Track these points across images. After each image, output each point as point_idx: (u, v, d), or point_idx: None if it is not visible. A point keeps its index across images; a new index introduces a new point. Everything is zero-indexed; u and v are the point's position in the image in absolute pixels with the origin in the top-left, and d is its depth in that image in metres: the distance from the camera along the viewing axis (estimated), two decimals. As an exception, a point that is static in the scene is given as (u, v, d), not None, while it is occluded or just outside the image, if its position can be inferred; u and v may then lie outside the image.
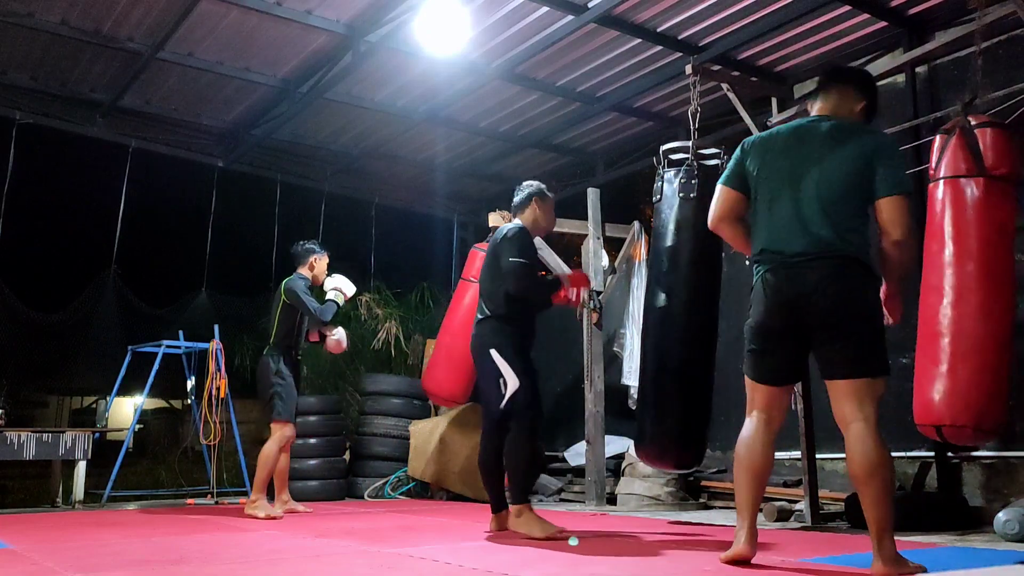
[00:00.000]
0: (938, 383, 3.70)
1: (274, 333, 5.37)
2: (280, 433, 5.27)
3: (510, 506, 3.92)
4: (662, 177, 4.42)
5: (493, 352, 3.94)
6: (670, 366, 4.15)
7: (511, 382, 3.88)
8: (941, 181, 3.89)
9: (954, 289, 3.74)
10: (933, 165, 3.95)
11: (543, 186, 4.33)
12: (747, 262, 3.04)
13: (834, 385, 2.76)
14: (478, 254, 6.44)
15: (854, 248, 2.76)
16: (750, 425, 2.93)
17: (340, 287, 5.52)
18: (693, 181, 4.27)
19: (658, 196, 4.45)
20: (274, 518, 5.03)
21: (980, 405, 3.62)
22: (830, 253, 2.75)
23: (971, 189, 3.78)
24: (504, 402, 3.89)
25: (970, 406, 3.62)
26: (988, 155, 3.76)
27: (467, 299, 6.37)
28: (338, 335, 5.57)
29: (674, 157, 4.52)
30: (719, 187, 3.13)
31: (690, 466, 4.54)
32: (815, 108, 3.05)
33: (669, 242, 4.28)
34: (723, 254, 4.43)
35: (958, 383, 3.65)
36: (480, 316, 4.09)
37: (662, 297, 4.24)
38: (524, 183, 4.36)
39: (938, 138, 3.98)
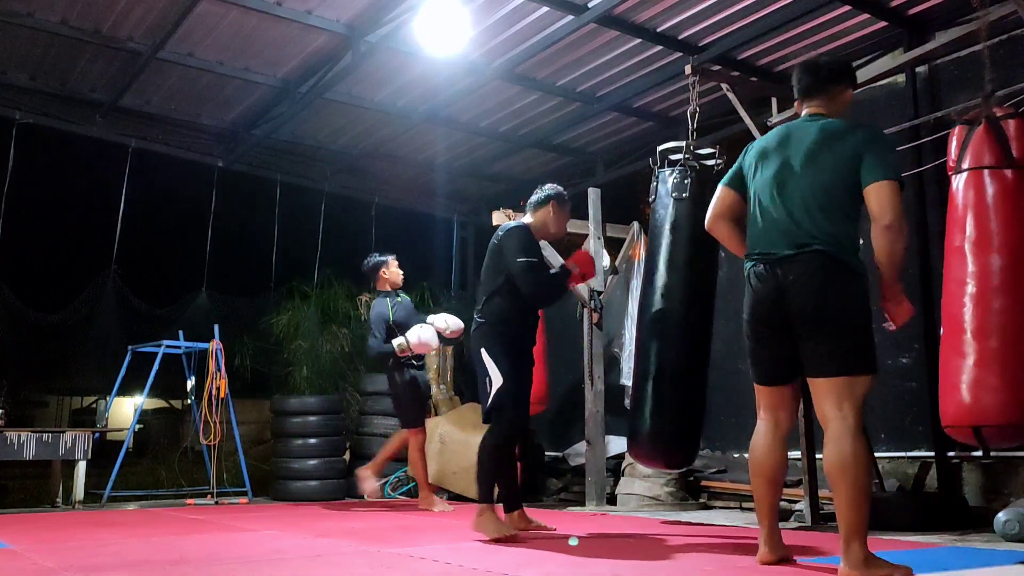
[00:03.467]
0: (975, 381, 3.48)
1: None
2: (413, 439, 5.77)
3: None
4: (657, 177, 4.42)
5: (483, 352, 3.93)
6: (665, 366, 4.14)
7: (495, 380, 3.87)
8: (965, 173, 3.72)
9: (985, 282, 3.58)
10: (954, 157, 3.80)
11: (564, 192, 4.27)
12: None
13: (814, 383, 2.74)
14: None
15: (836, 247, 2.71)
16: (758, 428, 2.96)
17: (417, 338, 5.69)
18: (687, 181, 4.24)
19: (653, 196, 4.43)
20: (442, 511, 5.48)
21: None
22: (809, 251, 2.71)
23: (1000, 180, 3.65)
24: (488, 400, 3.88)
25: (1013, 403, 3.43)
26: (1015, 146, 3.66)
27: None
28: (413, 340, 5.69)
29: (672, 157, 4.51)
30: (719, 187, 3.13)
31: (680, 465, 4.55)
32: (805, 108, 3.00)
33: (664, 242, 4.25)
34: (721, 254, 4.42)
35: (1005, 380, 3.44)
36: (478, 318, 4.05)
37: (657, 297, 4.23)
38: (547, 185, 4.31)
39: (957, 129, 3.82)
